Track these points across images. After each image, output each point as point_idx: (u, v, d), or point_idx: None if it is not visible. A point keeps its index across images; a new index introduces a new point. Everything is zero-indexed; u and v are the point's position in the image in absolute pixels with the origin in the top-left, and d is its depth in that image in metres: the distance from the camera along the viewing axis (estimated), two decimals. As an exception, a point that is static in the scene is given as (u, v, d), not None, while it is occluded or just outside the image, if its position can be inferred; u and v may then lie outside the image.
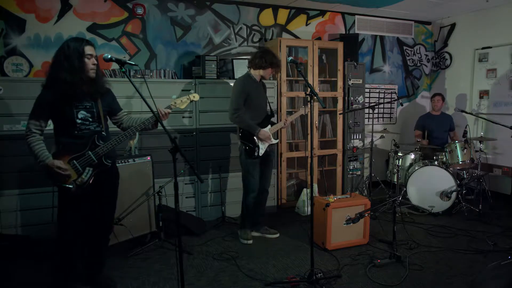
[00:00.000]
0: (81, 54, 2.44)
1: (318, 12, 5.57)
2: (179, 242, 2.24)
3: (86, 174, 2.51)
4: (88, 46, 2.48)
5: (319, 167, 5.15)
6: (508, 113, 5.29)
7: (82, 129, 2.51)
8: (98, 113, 2.59)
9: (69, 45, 2.44)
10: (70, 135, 2.50)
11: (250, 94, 3.66)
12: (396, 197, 4.06)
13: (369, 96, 5.96)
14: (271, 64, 3.67)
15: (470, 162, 4.67)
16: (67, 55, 2.42)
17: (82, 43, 2.47)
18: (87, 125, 2.54)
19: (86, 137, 2.52)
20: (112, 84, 3.94)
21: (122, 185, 3.46)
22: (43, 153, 2.43)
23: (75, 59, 2.41)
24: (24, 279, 3.05)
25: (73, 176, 2.48)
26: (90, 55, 2.48)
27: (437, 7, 5.49)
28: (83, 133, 2.51)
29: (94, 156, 2.52)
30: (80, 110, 2.51)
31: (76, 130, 2.50)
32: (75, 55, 2.42)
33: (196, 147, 4.40)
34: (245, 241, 3.82)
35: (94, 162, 2.53)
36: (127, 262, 3.36)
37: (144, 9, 4.56)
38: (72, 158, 2.48)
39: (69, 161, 2.47)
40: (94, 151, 2.52)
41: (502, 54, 5.36)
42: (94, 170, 2.54)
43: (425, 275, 3.10)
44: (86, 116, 2.53)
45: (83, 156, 2.50)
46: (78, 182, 2.49)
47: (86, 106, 2.54)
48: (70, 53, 2.41)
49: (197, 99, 2.81)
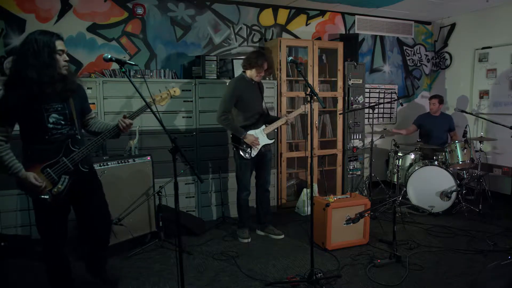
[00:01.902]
0: (52, 50, 2.17)
1: (318, 12, 5.57)
2: (179, 242, 2.24)
3: (62, 183, 2.29)
4: (59, 41, 2.22)
5: (319, 167, 5.15)
6: (508, 113, 5.29)
7: (54, 134, 2.26)
8: (70, 114, 2.33)
9: (37, 39, 2.14)
10: (40, 141, 2.24)
11: (243, 96, 3.68)
12: (396, 197, 4.05)
13: (369, 96, 5.96)
14: (250, 64, 3.67)
15: (470, 162, 4.67)
16: (35, 50, 2.12)
17: (52, 37, 2.20)
18: (59, 129, 2.28)
19: (58, 141, 2.28)
20: (112, 84, 4.03)
21: (122, 185, 3.50)
22: (13, 164, 2.18)
23: (45, 55, 2.14)
24: (24, 279, 3.05)
25: (48, 186, 2.25)
26: (62, 50, 2.23)
27: (437, 7, 5.49)
28: (55, 138, 2.26)
29: (69, 163, 2.29)
30: (51, 113, 2.24)
31: (47, 135, 2.24)
32: (45, 50, 2.14)
33: (196, 147, 4.40)
34: (243, 240, 3.84)
35: (70, 169, 2.30)
36: (127, 262, 3.36)
37: (144, 9, 4.56)
38: (46, 166, 2.24)
39: (42, 170, 2.24)
40: (69, 157, 2.29)
41: (502, 54, 5.36)
42: (70, 178, 2.32)
43: (425, 275, 3.10)
44: (58, 120, 2.27)
45: (57, 164, 2.27)
46: (54, 192, 2.27)
47: (58, 109, 2.27)
48: (39, 48, 2.13)
49: (178, 93, 2.68)
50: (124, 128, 2.39)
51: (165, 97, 2.61)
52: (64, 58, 2.25)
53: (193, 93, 4.35)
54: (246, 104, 3.71)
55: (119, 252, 3.47)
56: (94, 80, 3.97)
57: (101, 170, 3.32)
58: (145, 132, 4.11)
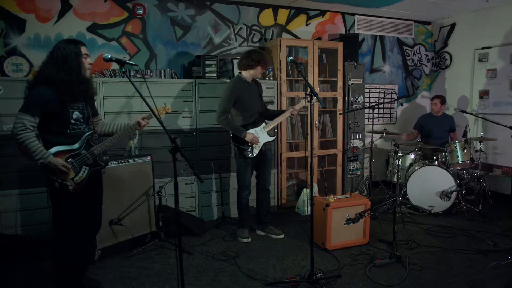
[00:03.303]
0: (79, 54, 2.47)
1: (318, 12, 5.57)
2: (179, 242, 2.24)
3: (83, 173, 2.54)
4: (84, 47, 2.53)
5: (319, 167, 5.15)
6: (508, 113, 5.29)
7: (74, 129, 2.54)
8: (88, 114, 2.64)
9: (65, 46, 2.46)
10: (62, 134, 2.50)
11: (241, 96, 3.69)
12: (396, 197, 4.05)
13: (369, 96, 5.96)
14: (259, 61, 3.68)
15: (470, 162, 4.67)
16: (64, 55, 2.43)
17: (78, 43, 2.51)
18: (79, 125, 2.56)
19: (76, 136, 2.54)
20: (112, 84, 4.02)
21: (122, 185, 3.50)
22: (42, 150, 2.39)
23: (72, 59, 2.44)
24: (24, 279, 3.05)
25: (70, 174, 2.48)
26: (86, 54, 2.52)
27: (437, 7, 5.49)
28: (74, 133, 2.53)
29: (90, 156, 2.56)
30: (74, 110, 2.53)
31: (69, 129, 2.51)
32: (72, 55, 2.44)
33: (196, 147, 4.40)
34: (243, 239, 3.84)
35: (90, 161, 2.57)
36: (127, 262, 3.36)
37: (144, 9, 4.56)
38: (69, 156, 2.48)
39: (66, 159, 2.47)
40: (89, 151, 2.56)
41: (502, 54, 5.36)
42: (89, 169, 2.58)
43: (425, 275, 3.10)
44: (78, 117, 2.55)
45: (79, 155, 2.52)
46: (76, 180, 2.50)
47: (79, 107, 2.56)
48: (67, 53, 2.43)
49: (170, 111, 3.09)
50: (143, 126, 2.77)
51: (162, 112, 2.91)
52: (89, 62, 2.54)
53: (193, 93, 4.35)
54: (244, 104, 3.72)
55: (119, 252, 3.47)
56: (94, 80, 3.95)
57: (101, 170, 3.32)
58: (145, 132, 4.10)
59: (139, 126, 2.76)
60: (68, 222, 2.57)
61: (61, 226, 2.58)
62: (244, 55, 3.75)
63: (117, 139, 2.69)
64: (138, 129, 2.78)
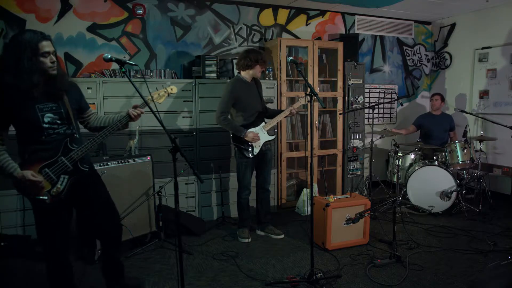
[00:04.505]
0: (35, 53, 2.09)
1: (318, 12, 5.57)
2: (179, 242, 2.23)
3: (61, 183, 2.24)
4: (45, 42, 2.12)
5: (319, 167, 5.15)
6: (508, 113, 5.29)
7: (51, 134, 2.22)
8: (66, 113, 2.29)
9: (20, 41, 2.07)
10: (36, 141, 2.19)
11: (240, 97, 3.69)
12: (396, 197, 4.05)
13: (369, 96, 5.96)
14: (257, 61, 3.68)
15: (470, 162, 4.67)
16: (16, 53, 2.06)
17: (38, 38, 2.10)
18: (56, 128, 2.24)
19: (55, 141, 2.23)
20: (112, 84, 4.03)
21: (122, 185, 3.50)
22: (8, 165, 2.13)
23: (25, 59, 2.06)
24: (24, 279, 3.05)
25: (46, 186, 2.20)
26: (48, 52, 2.14)
27: (437, 7, 5.49)
28: (52, 138, 2.22)
29: (68, 162, 2.24)
30: (45, 113, 2.19)
31: (43, 135, 2.19)
32: (26, 53, 2.06)
33: (196, 147, 4.40)
34: (243, 239, 3.84)
35: (69, 168, 2.26)
36: (127, 262, 3.35)
37: (144, 9, 4.56)
38: (44, 166, 2.19)
39: (40, 170, 2.19)
40: (68, 156, 2.24)
41: (502, 54, 5.36)
42: (70, 177, 2.27)
43: (425, 275, 3.10)
44: (53, 119, 2.22)
45: (55, 163, 2.22)
46: (53, 192, 2.22)
47: (52, 108, 2.22)
48: (21, 51, 2.06)
49: (175, 92, 2.66)
50: (136, 116, 2.38)
51: (163, 94, 2.56)
52: (51, 59, 2.17)
53: (193, 93, 4.35)
54: (244, 104, 3.72)
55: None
56: (94, 80, 3.97)
57: (101, 170, 3.32)
58: (145, 132, 4.11)
59: (130, 118, 2.38)
60: (50, 239, 2.33)
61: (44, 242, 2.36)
62: (242, 55, 3.74)
63: (103, 136, 2.34)
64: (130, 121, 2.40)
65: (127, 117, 2.38)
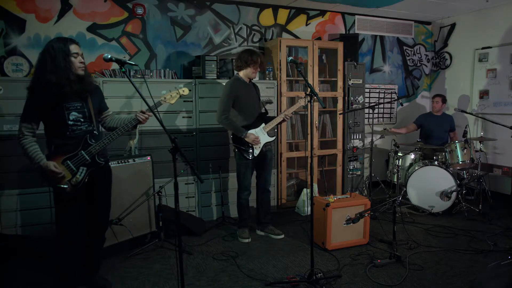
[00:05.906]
0: (67, 54, 2.41)
1: (318, 12, 5.57)
2: (179, 242, 2.24)
3: (80, 174, 2.51)
4: (73, 45, 2.46)
5: (319, 167, 5.15)
6: (508, 113, 5.29)
7: (74, 130, 2.50)
8: (89, 112, 2.58)
9: (53, 46, 2.40)
10: (62, 136, 2.48)
11: (239, 96, 3.70)
12: (396, 197, 4.05)
13: (369, 96, 5.96)
14: (247, 62, 3.68)
15: (470, 162, 4.67)
16: (52, 56, 2.38)
17: (67, 42, 2.44)
18: (79, 125, 2.52)
19: (78, 137, 2.51)
20: (112, 84, 4.02)
21: (122, 185, 3.49)
22: (37, 155, 2.41)
23: (60, 59, 2.38)
24: (24, 279, 3.05)
25: (67, 176, 2.47)
26: (76, 53, 2.45)
27: (437, 7, 5.49)
28: (75, 134, 2.50)
29: (87, 155, 2.52)
30: (71, 111, 2.49)
31: (68, 131, 2.48)
32: (60, 55, 2.38)
33: (196, 147, 4.40)
34: (243, 239, 3.84)
35: (88, 161, 2.53)
36: (127, 262, 3.36)
37: (144, 9, 4.56)
38: (66, 159, 2.47)
39: (63, 162, 2.47)
40: (86, 150, 2.52)
41: (502, 54, 5.36)
42: (88, 169, 2.55)
43: (425, 275, 3.10)
44: (77, 117, 2.51)
45: (76, 156, 2.50)
46: (72, 182, 2.49)
47: (77, 107, 2.52)
48: (56, 53, 2.38)
49: (187, 93, 2.82)
50: (144, 120, 2.61)
51: (175, 96, 2.74)
52: (80, 60, 2.47)
53: (193, 93, 4.35)
54: (243, 104, 3.72)
55: (119, 252, 3.47)
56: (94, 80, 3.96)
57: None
58: (145, 132, 4.11)
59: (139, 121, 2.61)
60: (67, 225, 2.58)
61: (60, 228, 2.60)
62: (241, 55, 3.76)
63: (116, 136, 2.60)
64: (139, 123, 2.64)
65: (136, 120, 2.61)
